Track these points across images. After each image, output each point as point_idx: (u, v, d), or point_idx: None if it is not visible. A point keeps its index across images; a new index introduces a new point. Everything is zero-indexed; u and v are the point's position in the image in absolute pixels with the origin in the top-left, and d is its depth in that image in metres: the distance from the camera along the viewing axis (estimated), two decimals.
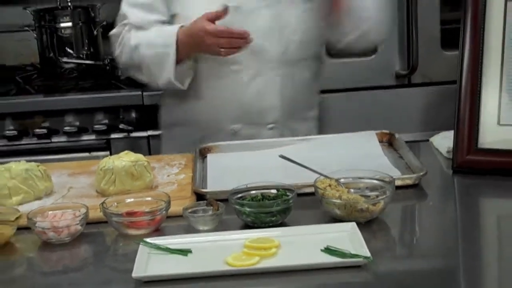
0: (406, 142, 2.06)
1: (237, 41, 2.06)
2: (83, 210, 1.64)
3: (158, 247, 1.51)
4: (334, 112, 3.00)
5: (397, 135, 2.11)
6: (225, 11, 2.02)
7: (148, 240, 1.53)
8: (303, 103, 2.31)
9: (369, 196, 1.65)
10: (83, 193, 1.86)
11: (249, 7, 2.15)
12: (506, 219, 1.76)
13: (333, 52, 2.48)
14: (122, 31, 2.26)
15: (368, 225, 1.60)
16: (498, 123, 1.91)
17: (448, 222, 1.71)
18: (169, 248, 1.51)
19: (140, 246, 1.51)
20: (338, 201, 1.61)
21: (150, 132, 2.95)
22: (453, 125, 1.94)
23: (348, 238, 1.51)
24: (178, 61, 2.15)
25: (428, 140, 2.15)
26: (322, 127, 2.41)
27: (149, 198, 1.71)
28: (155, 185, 1.88)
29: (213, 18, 2.04)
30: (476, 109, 1.92)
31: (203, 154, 2.08)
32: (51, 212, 1.66)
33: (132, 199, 1.71)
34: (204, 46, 2.10)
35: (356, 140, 2.08)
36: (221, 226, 1.63)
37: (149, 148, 2.95)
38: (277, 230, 1.57)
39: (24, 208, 1.72)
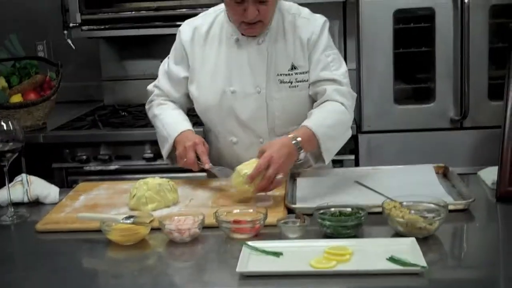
0: (458, 174, 2.00)
1: (193, 166, 1.97)
2: (201, 217, 1.66)
3: (256, 249, 1.51)
4: (399, 148, 2.95)
5: (450, 168, 2.05)
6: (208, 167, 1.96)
7: (249, 243, 1.53)
8: None
9: (426, 217, 1.60)
10: (201, 203, 1.87)
11: (244, 92, 2.05)
12: None
13: None
14: (152, 94, 2.20)
15: (425, 240, 1.56)
16: None
17: (491, 241, 1.64)
18: (265, 250, 1.50)
19: (243, 247, 1.51)
20: (401, 220, 1.57)
21: None
22: (497, 162, 1.88)
23: (408, 250, 1.47)
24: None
25: (476, 173, 2.08)
26: (388, 160, 2.35)
27: (251, 210, 1.71)
28: (256, 201, 1.87)
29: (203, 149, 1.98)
30: None
31: (293, 177, 2.07)
32: (176, 217, 1.68)
33: (238, 211, 1.71)
34: (178, 146, 2.01)
35: (417, 171, 2.03)
36: (306, 235, 1.62)
37: None
38: (351, 240, 1.55)
39: (156, 213, 1.75)
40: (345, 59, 2.41)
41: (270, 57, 2.05)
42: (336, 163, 2.83)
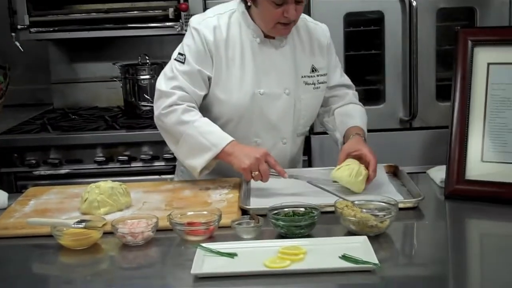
0: (408, 173, 2.04)
1: (268, 177, 1.90)
2: (154, 220, 1.65)
3: (211, 251, 1.51)
4: None
5: (400, 168, 2.09)
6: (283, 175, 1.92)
7: (204, 244, 1.53)
8: (298, 157, 2.28)
9: (377, 215, 1.63)
10: (154, 206, 1.86)
11: (272, 93, 2.07)
12: (487, 235, 1.74)
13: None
14: (173, 96, 2.00)
15: (377, 238, 1.58)
16: (482, 160, 1.88)
17: (440, 237, 1.68)
18: (220, 252, 1.50)
19: (197, 249, 1.51)
20: (353, 218, 1.60)
21: None
22: (445, 161, 1.92)
23: (360, 248, 1.49)
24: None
25: (425, 172, 2.12)
26: None
27: (205, 212, 1.70)
28: (210, 202, 1.88)
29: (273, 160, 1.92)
30: (463, 149, 1.89)
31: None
32: (129, 220, 1.66)
33: (192, 213, 1.71)
34: (246, 159, 1.89)
35: None
36: (260, 235, 1.62)
37: None
38: (305, 240, 1.56)
39: (109, 217, 1.73)
40: None
41: (293, 59, 2.10)
42: None
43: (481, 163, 1.88)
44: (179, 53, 2.07)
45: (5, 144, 2.97)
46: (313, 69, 2.13)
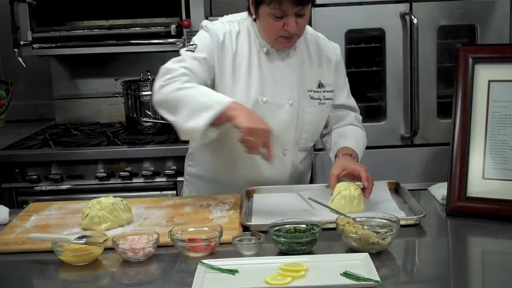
0: (409, 190, 2.04)
1: (257, 149, 1.83)
2: (155, 236, 1.64)
3: (212, 267, 1.50)
4: None
5: (402, 185, 2.09)
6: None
7: (204, 261, 1.52)
8: (303, 175, 2.27)
9: (379, 232, 1.63)
10: (155, 222, 1.86)
11: (276, 103, 2.07)
12: (488, 253, 1.73)
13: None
14: (177, 71, 1.95)
15: (378, 255, 1.58)
16: (483, 177, 1.88)
17: (442, 255, 1.68)
18: (220, 268, 1.50)
19: (198, 265, 1.50)
20: (355, 235, 1.60)
21: None
22: (447, 178, 1.93)
23: (362, 265, 1.49)
24: (214, 120, 1.84)
25: (426, 189, 2.12)
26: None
27: (206, 228, 1.70)
28: (211, 218, 1.88)
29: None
30: (465, 166, 1.90)
31: (249, 195, 2.07)
32: (130, 236, 1.66)
33: (193, 229, 1.70)
34: (251, 120, 1.80)
35: None
36: (261, 252, 1.62)
37: None
38: (306, 256, 1.56)
39: (110, 233, 1.73)
40: None
41: (299, 72, 2.11)
42: None
43: (482, 180, 1.88)
44: (190, 44, 2.07)
45: (6, 159, 2.97)
46: (320, 85, 2.14)
